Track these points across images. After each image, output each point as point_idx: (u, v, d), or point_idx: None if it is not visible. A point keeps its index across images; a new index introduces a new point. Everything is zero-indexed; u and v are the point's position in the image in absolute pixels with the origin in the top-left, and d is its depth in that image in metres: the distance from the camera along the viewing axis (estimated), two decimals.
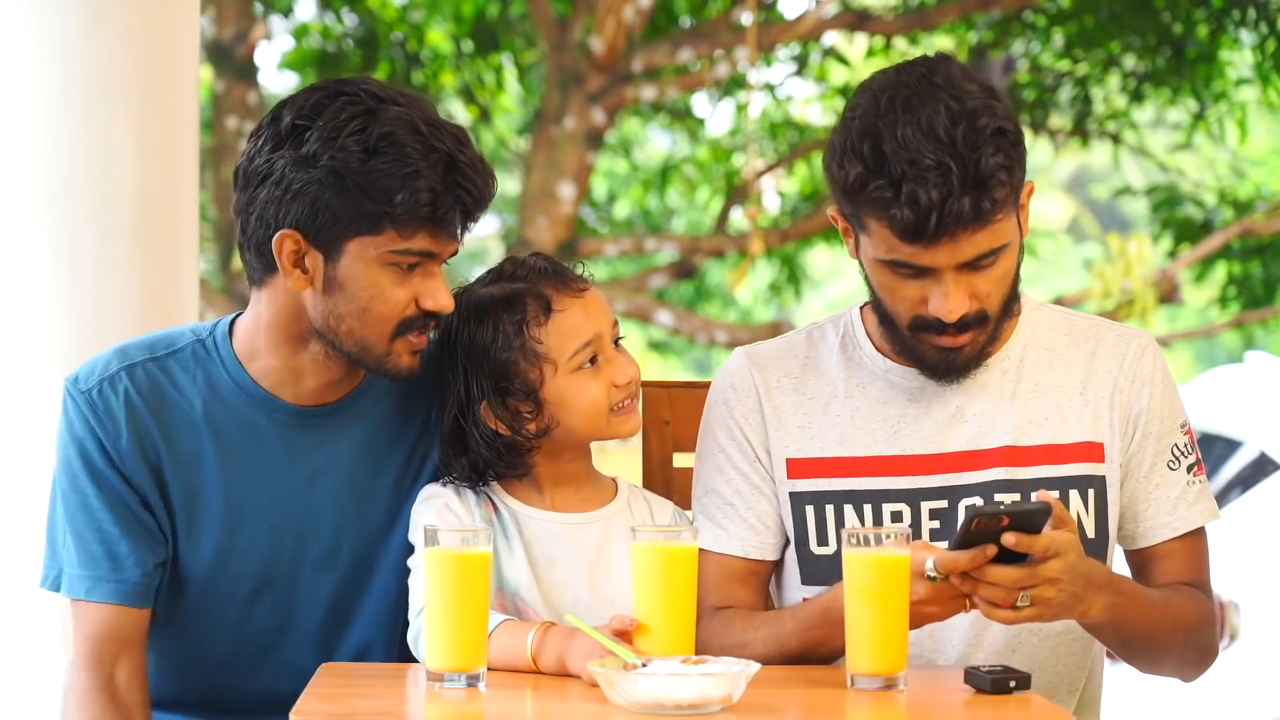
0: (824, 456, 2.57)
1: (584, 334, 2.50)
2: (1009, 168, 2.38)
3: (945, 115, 2.36)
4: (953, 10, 9.29)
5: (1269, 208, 9.65)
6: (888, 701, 2.23)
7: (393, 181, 2.33)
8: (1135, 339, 2.60)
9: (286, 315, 2.44)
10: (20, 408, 3.43)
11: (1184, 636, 2.54)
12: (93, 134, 3.46)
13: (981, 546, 2.24)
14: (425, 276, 2.40)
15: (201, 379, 2.49)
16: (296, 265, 2.39)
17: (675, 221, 13.36)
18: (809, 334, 2.67)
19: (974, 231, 2.38)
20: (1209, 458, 6.00)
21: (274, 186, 2.37)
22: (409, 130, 2.35)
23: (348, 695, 2.22)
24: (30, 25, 3.44)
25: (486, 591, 2.27)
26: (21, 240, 3.43)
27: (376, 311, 2.39)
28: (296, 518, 2.52)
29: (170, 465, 2.48)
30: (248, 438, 2.49)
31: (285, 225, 2.37)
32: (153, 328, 3.49)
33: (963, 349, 2.48)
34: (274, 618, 2.54)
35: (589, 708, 2.17)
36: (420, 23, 10.22)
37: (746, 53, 8.93)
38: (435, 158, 2.35)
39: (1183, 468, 2.58)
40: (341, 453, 2.53)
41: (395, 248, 2.37)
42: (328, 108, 2.36)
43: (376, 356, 2.43)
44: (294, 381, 2.49)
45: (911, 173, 2.34)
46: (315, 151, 2.34)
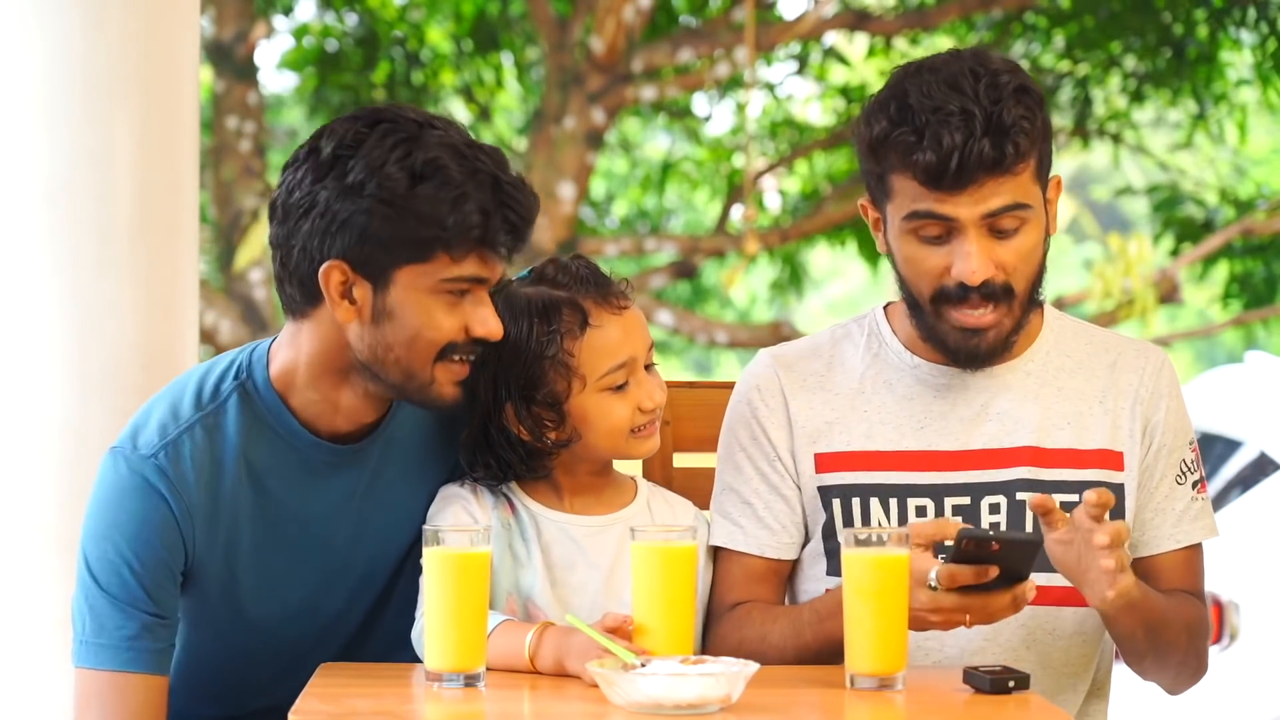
0: (851, 450, 2.58)
1: (619, 355, 2.49)
2: (1031, 121, 2.43)
3: (969, 74, 2.43)
4: (953, 10, 9.29)
5: (1269, 207, 9.65)
6: (887, 701, 2.23)
7: (442, 206, 2.31)
8: (1153, 354, 2.65)
9: (330, 349, 2.41)
10: (20, 408, 3.43)
11: (1187, 636, 2.56)
12: (93, 134, 3.46)
13: (984, 567, 2.27)
14: (475, 304, 2.38)
15: (252, 426, 2.45)
16: (344, 296, 2.36)
17: (674, 221, 13.36)
18: (833, 334, 2.69)
19: (996, 179, 2.42)
20: (1209, 458, 6.00)
21: (318, 218, 2.34)
22: (452, 154, 2.33)
23: (347, 695, 2.22)
24: (30, 25, 3.44)
25: (485, 592, 2.27)
26: (21, 240, 3.44)
27: (426, 339, 2.37)
28: (341, 551, 2.51)
29: (225, 518, 2.45)
30: (292, 479, 2.47)
31: (332, 256, 2.34)
32: (153, 328, 3.50)
33: (986, 331, 2.50)
34: (306, 643, 2.55)
35: (588, 708, 2.17)
36: (420, 22, 10.22)
37: (746, 53, 8.93)
38: (481, 179, 2.33)
39: (1189, 483, 2.61)
40: (376, 482, 2.51)
41: (447, 275, 2.35)
42: (368, 137, 2.34)
43: (420, 384, 2.40)
44: (330, 415, 2.46)
45: (935, 119, 2.41)
46: (361, 181, 2.32)
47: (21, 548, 3.29)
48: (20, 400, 3.41)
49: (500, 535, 2.50)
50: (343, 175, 2.33)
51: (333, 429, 2.47)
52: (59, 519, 3.22)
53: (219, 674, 2.58)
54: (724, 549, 2.61)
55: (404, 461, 2.54)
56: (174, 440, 2.42)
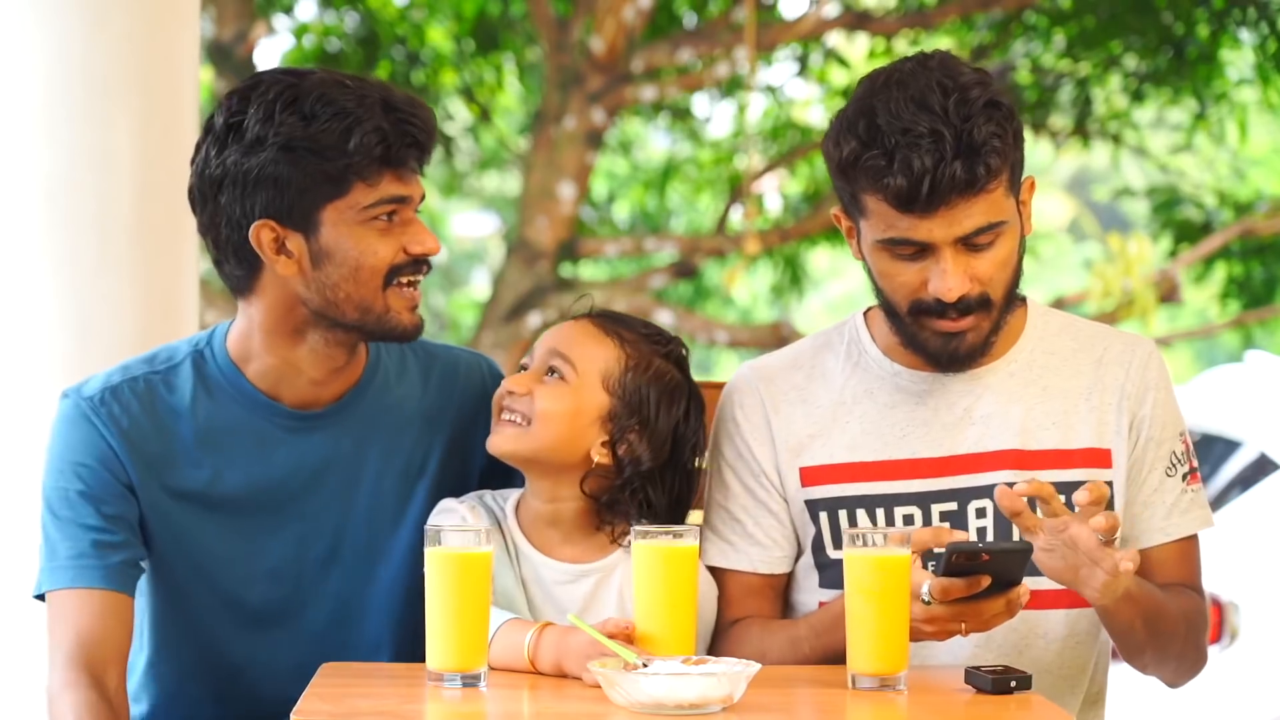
0: (835, 463, 2.58)
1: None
2: (1002, 138, 2.40)
3: (938, 89, 2.40)
4: (953, 10, 9.28)
5: (1269, 208, 9.65)
6: (888, 701, 2.23)
7: (339, 134, 2.37)
8: (1140, 345, 2.62)
9: (280, 310, 2.46)
10: (20, 408, 3.43)
11: (1185, 627, 2.54)
12: (93, 134, 3.46)
13: (976, 577, 2.27)
14: (405, 224, 2.44)
15: (202, 388, 2.51)
16: (280, 252, 2.42)
17: (675, 222, 13.35)
18: (814, 343, 2.67)
19: (969, 200, 2.40)
20: (1209, 458, 6.00)
21: (231, 186, 2.40)
22: (336, 86, 2.40)
23: (348, 695, 2.22)
24: (30, 25, 3.44)
25: (487, 591, 2.27)
26: (21, 239, 3.44)
27: (369, 267, 2.42)
28: (302, 519, 2.53)
29: (174, 472, 2.49)
30: (250, 443, 2.51)
31: (256, 217, 2.40)
32: (153, 328, 3.51)
33: (965, 334, 2.49)
34: (283, 618, 2.55)
35: (589, 708, 2.17)
36: (421, 22, 10.21)
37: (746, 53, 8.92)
38: (370, 102, 2.39)
39: (1179, 474, 2.59)
40: (343, 452, 2.54)
41: (367, 201, 2.40)
42: (252, 96, 2.40)
43: (377, 315, 2.44)
44: (293, 377, 2.50)
45: (904, 141, 2.38)
46: (258, 135, 2.38)
47: (21, 548, 3.29)
48: (20, 400, 3.41)
49: (497, 559, 2.50)
50: (240, 137, 2.39)
51: (297, 396, 2.51)
52: None
53: (202, 656, 2.57)
54: (716, 568, 2.60)
55: (384, 441, 2.56)
56: (115, 386, 2.50)
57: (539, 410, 2.49)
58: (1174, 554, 2.59)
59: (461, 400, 2.64)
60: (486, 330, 9.27)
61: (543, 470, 2.52)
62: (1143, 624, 2.48)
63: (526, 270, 9.24)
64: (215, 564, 2.52)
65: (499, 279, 9.66)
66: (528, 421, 2.49)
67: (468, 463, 2.64)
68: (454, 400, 2.63)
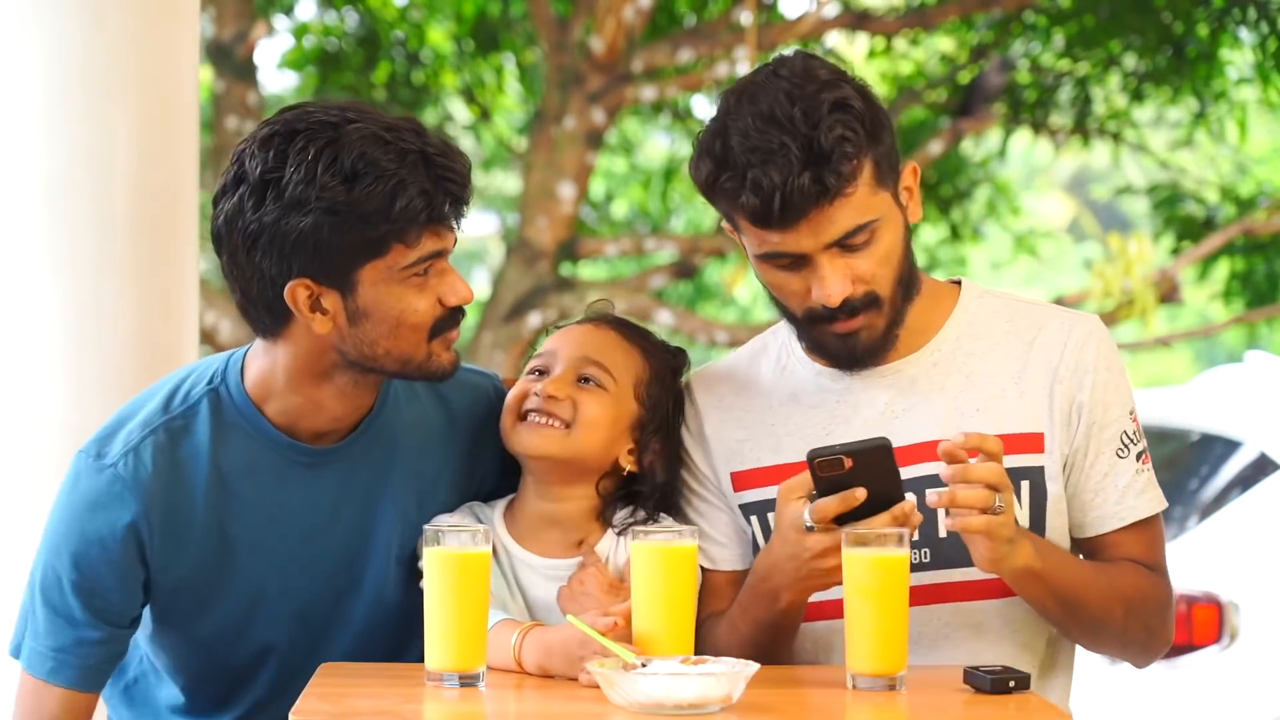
0: (761, 466, 2.59)
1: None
2: (852, 139, 2.39)
3: (784, 98, 2.40)
4: (953, 10, 9.28)
5: (1270, 206, 9.64)
6: (887, 701, 2.23)
7: (383, 199, 2.32)
8: (1079, 325, 2.58)
9: (310, 357, 2.43)
10: (20, 408, 3.43)
11: (1122, 607, 2.51)
12: (93, 134, 3.46)
13: (851, 490, 2.29)
14: (440, 275, 2.41)
15: (221, 431, 2.47)
16: (315, 310, 2.38)
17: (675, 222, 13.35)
18: (752, 349, 2.70)
19: (828, 208, 2.40)
20: (1209, 458, 6.00)
21: (269, 243, 2.35)
22: (376, 144, 2.34)
23: (347, 695, 2.22)
24: (30, 25, 3.44)
25: (486, 592, 2.27)
26: (21, 240, 3.44)
27: (409, 324, 2.39)
28: (326, 554, 2.52)
29: (197, 521, 2.46)
30: (269, 483, 2.48)
31: (293, 276, 2.36)
32: (153, 328, 3.50)
33: (859, 333, 2.49)
34: (308, 648, 2.55)
35: (588, 708, 2.17)
36: (421, 22, 10.21)
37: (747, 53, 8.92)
38: (412, 160, 2.35)
39: (1131, 455, 2.55)
40: (359, 484, 2.52)
41: (407, 261, 2.36)
42: (290, 150, 2.34)
43: (419, 364, 2.43)
44: (313, 414, 2.47)
45: (754, 159, 2.38)
46: (300, 197, 2.32)
47: (21, 547, 3.29)
48: (20, 400, 3.41)
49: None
50: (279, 195, 2.33)
51: (314, 430, 2.48)
52: None
53: (212, 682, 2.57)
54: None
55: (398, 469, 2.55)
56: (135, 446, 2.43)
57: (584, 417, 2.52)
58: (1129, 538, 2.56)
59: (470, 422, 2.63)
60: (486, 330, 9.27)
61: (570, 473, 2.54)
62: (1056, 604, 2.46)
63: (526, 270, 9.24)
64: (242, 607, 2.51)
65: (499, 279, 9.65)
66: (566, 426, 2.51)
67: (481, 484, 2.64)
68: (461, 423, 2.62)
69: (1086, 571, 2.50)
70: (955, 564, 2.50)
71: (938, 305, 2.59)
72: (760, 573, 2.47)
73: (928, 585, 2.51)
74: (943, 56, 10.01)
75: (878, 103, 2.46)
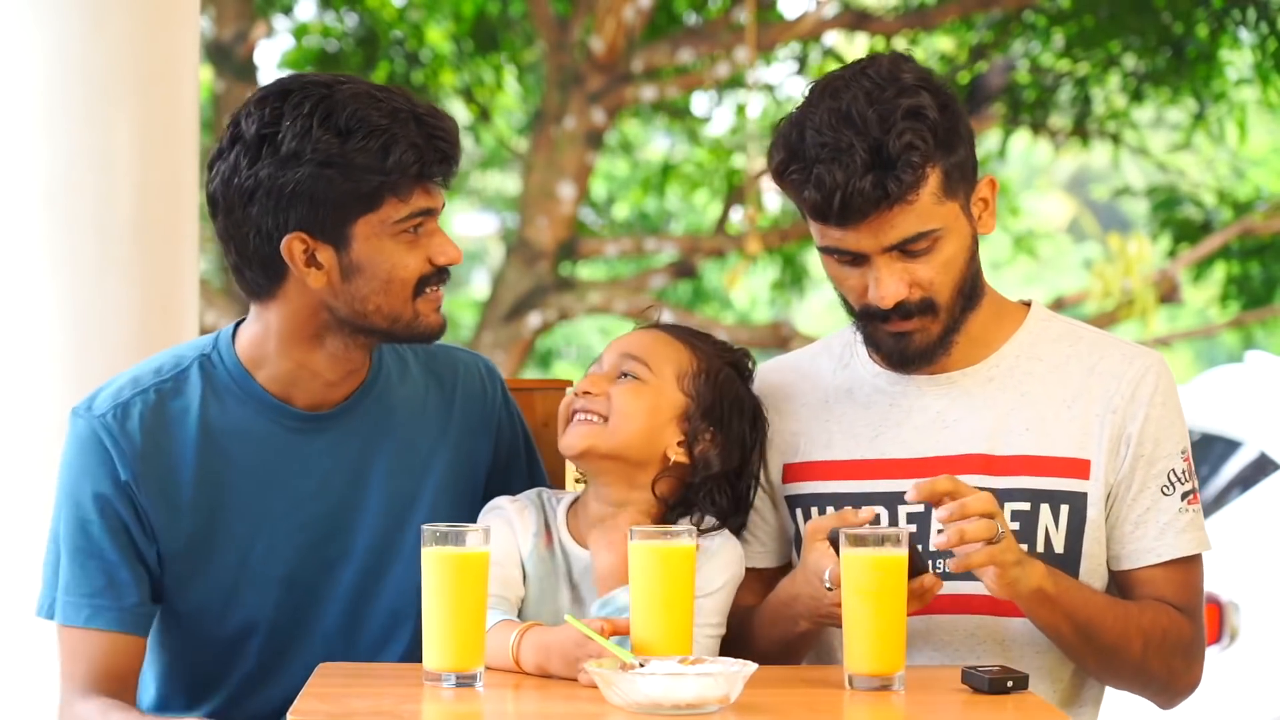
0: (812, 461, 2.60)
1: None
2: (920, 148, 2.40)
3: (863, 98, 2.41)
4: (953, 10, 9.29)
5: (1269, 208, 9.65)
6: (885, 702, 2.23)
7: (376, 153, 2.38)
8: (1140, 359, 2.57)
9: (302, 316, 2.47)
10: (20, 408, 3.43)
11: (1141, 644, 2.50)
12: (93, 134, 3.46)
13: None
14: (429, 235, 2.46)
15: (211, 394, 2.51)
16: (310, 264, 2.42)
17: (674, 222, 13.36)
18: (819, 346, 2.72)
19: (888, 213, 2.41)
20: (1209, 458, 6.00)
21: (265, 197, 2.40)
22: (369, 101, 2.41)
23: (345, 695, 2.23)
24: (30, 25, 3.44)
25: (484, 592, 2.27)
26: (21, 240, 3.44)
27: (399, 279, 2.44)
28: (314, 521, 2.54)
29: (187, 484, 2.49)
30: (260, 448, 2.51)
31: (289, 230, 2.40)
32: (153, 328, 3.51)
33: (912, 335, 2.50)
34: (294, 620, 2.56)
35: (587, 708, 2.18)
36: (420, 22, 10.21)
37: (746, 53, 8.93)
38: (403, 118, 2.41)
39: (1177, 494, 2.53)
40: (350, 453, 2.55)
41: (399, 216, 2.42)
42: (285, 107, 2.40)
43: (406, 323, 2.47)
44: (307, 380, 2.51)
45: (823, 155, 2.40)
46: (295, 150, 2.38)
47: (21, 547, 3.29)
48: (20, 400, 3.42)
49: (543, 561, 2.52)
50: (275, 150, 2.39)
51: (308, 398, 2.52)
52: None
53: (204, 657, 2.58)
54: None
55: (396, 441, 2.57)
56: (125, 402, 2.49)
57: (617, 407, 2.51)
58: (1164, 577, 2.53)
59: (463, 400, 2.65)
60: (486, 330, 9.27)
61: (618, 470, 2.52)
62: (1071, 628, 2.45)
63: (526, 270, 9.24)
64: (229, 574, 2.52)
65: (499, 279, 9.66)
66: (604, 419, 2.51)
67: (473, 463, 2.64)
68: (456, 399, 2.64)
69: (1101, 599, 2.49)
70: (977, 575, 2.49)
71: (1003, 321, 2.59)
72: (783, 598, 2.48)
73: (953, 595, 2.49)
74: (942, 56, 10.01)
75: (958, 113, 2.46)
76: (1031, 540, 2.51)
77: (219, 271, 9.81)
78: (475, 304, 13.98)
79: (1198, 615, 2.56)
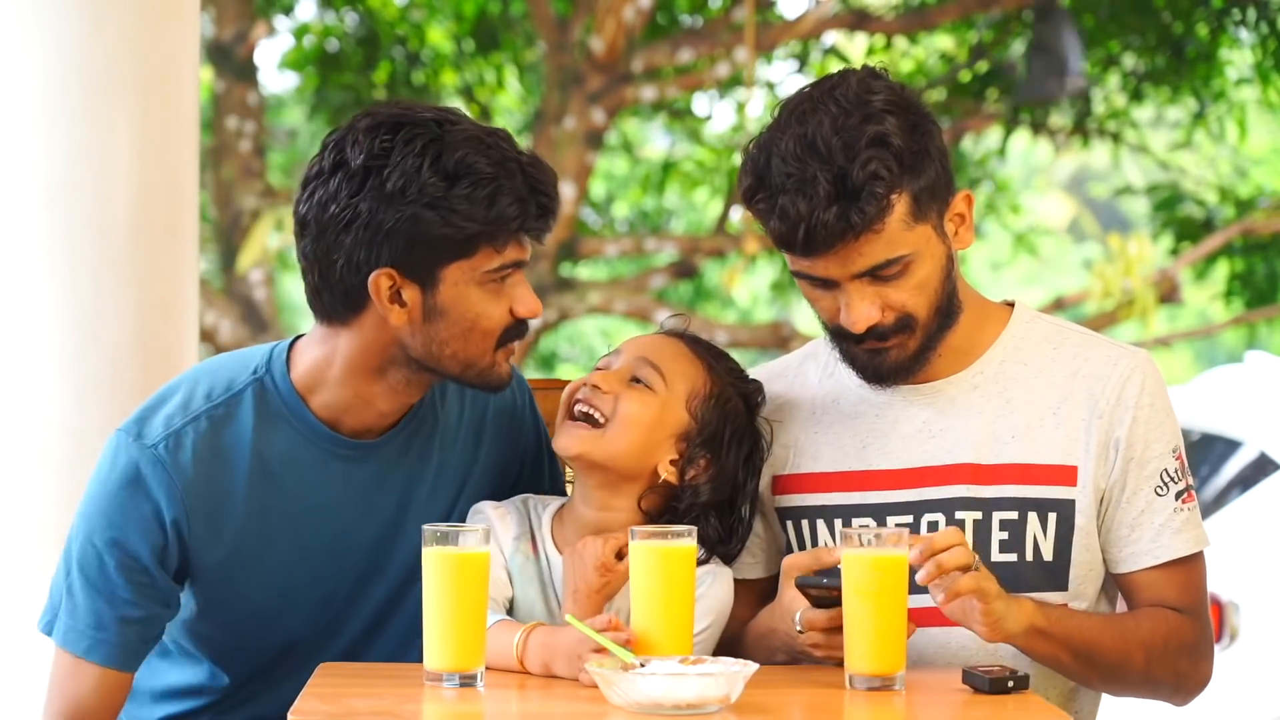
0: (801, 473, 2.59)
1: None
2: (885, 178, 2.37)
3: (828, 125, 2.39)
4: (953, 10, 9.29)
5: (1270, 206, 9.65)
6: (886, 702, 2.23)
7: (481, 202, 2.35)
8: (1125, 360, 2.54)
9: (375, 348, 2.44)
10: (20, 408, 3.43)
11: (1144, 656, 2.48)
12: (93, 134, 3.46)
13: (839, 610, 2.29)
14: (514, 286, 2.43)
15: (263, 422, 2.47)
16: (394, 300, 2.40)
17: (674, 222, 13.36)
18: (803, 353, 2.69)
19: (854, 243, 2.39)
20: (1209, 458, 6.00)
21: (361, 229, 2.36)
22: (478, 147, 2.37)
23: (346, 695, 2.22)
24: (30, 25, 3.44)
25: (484, 592, 2.27)
26: (21, 240, 3.44)
27: (481, 330, 2.42)
28: (358, 546, 2.53)
29: (237, 514, 2.47)
30: (311, 476, 2.49)
31: (380, 265, 2.37)
32: (153, 328, 3.50)
33: (888, 352, 2.48)
34: (326, 631, 2.56)
35: (588, 708, 2.17)
36: (421, 22, 10.22)
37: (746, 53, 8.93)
38: (510, 168, 2.38)
39: (1171, 494, 2.51)
40: (398, 479, 2.53)
41: (491, 266, 2.39)
42: (394, 143, 2.37)
43: (480, 370, 2.45)
44: (360, 409, 2.48)
45: (788, 185, 2.38)
46: (400, 188, 2.35)
47: (21, 547, 3.29)
48: (20, 400, 3.42)
49: (525, 566, 2.51)
50: (380, 185, 2.35)
51: (357, 424, 2.50)
52: (58, 518, 3.22)
53: (233, 663, 2.58)
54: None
55: (436, 463, 2.56)
56: (178, 431, 2.45)
57: (621, 413, 2.47)
58: (1164, 577, 2.51)
59: (495, 415, 2.63)
60: None
61: (607, 478, 2.49)
62: (1071, 657, 2.44)
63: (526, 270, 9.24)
64: (273, 599, 2.52)
65: None
66: (605, 421, 2.48)
67: (504, 474, 2.64)
68: (488, 415, 2.63)
69: (1095, 620, 2.48)
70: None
71: (985, 326, 2.57)
72: (761, 630, 2.49)
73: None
74: (942, 55, 10.01)
75: (929, 132, 2.43)
76: (1020, 549, 2.50)
77: (219, 272, 9.82)
78: None
79: (1202, 613, 2.54)
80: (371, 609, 2.57)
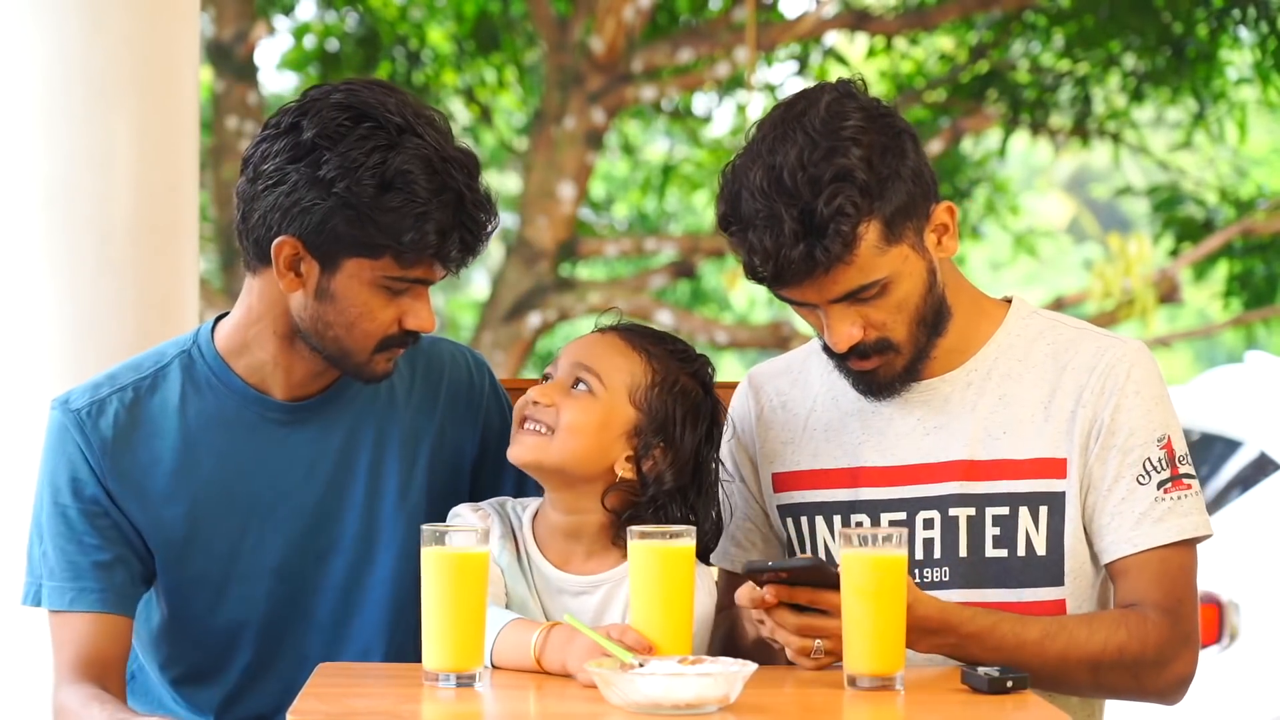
0: (800, 470, 2.60)
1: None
2: (851, 213, 2.36)
3: (795, 159, 2.37)
4: (953, 10, 9.29)
5: (1270, 206, 9.66)
6: (885, 701, 2.23)
7: (403, 221, 2.36)
8: (1113, 349, 2.53)
9: (274, 309, 2.48)
10: (20, 407, 3.43)
11: (1087, 668, 2.44)
12: (92, 134, 3.46)
13: (788, 589, 2.31)
14: (413, 298, 2.44)
15: (191, 387, 2.53)
16: (291, 269, 2.43)
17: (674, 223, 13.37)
18: (807, 349, 2.69)
19: (824, 276, 2.39)
20: (1209, 458, 6.00)
21: (283, 196, 2.39)
22: (424, 167, 2.37)
23: (345, 695, 2.23)
24: (30, 25, 3.44)
25: (484, 592, 2.27)
26: (21, 240, 3.44)
27: (363, 328, 2.44)
28: (301, 511, 2.54)
29: (164, 477, 2.50)
30: (243, 439, 2.52)
31: (287, 232, 2.40)
32: (153, 328, 3.51)
33: (876, 370, 2.49)
34: (288, 611, 2.57)
35: (587, 708, 2.18)
36: (421, 22, 10.22)
37: (746, 53, 8.93)
38: (447, 196, 2.37)
39: (1153, 483, 2.48)
40: (335, 441, 2.55)
41: (391, 274, 2.41)
42: (349, 133, 2.37)
43: (355, 364, 2.47)
44: (284, 373, 2.52)
45: (756, 220, 2.38)
46: (331, 178, 2.36)
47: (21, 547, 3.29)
48: (20, 400, 3.42)
49: (510, 566, 2.51)
50: (316, 165, 2.38)
51: (287, 390, 2.53)
52: None
53: (201, 650, 2.58)
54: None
55: (374, 430, 2.57)
56: (101, 400, 2.52)
57: (564, 422, 2.46)
58: (1139, 567, 2.48)
59: (449, 391, 2.64)
60: (486, 330, 9.28)
61: (564, 482, 2.49)
62: (997, 660, 2.41)
63: (526, 270, 9.25)
64: (218, 566, 2.53)
65: (498, 279, 9.67)
66: (551, 432, 2.47)
67: (459, 454, 2.64)
68: (441, 390, 2.64)
69: (1034, 631, 2.42)
70: (975, 584, 2.49)
71: (981, 324, 2.57)
72: (749, 644, 2.50)
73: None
74: (942, 56, 10.02)
75: (901, 151, 2.41)
76: (1012, 544, 2.50)
77: (219, 271, 9.82)
78: (475, 304, 13.99)
79: (1179, 609, 2.48)
80: (336, 586, 2.57)
